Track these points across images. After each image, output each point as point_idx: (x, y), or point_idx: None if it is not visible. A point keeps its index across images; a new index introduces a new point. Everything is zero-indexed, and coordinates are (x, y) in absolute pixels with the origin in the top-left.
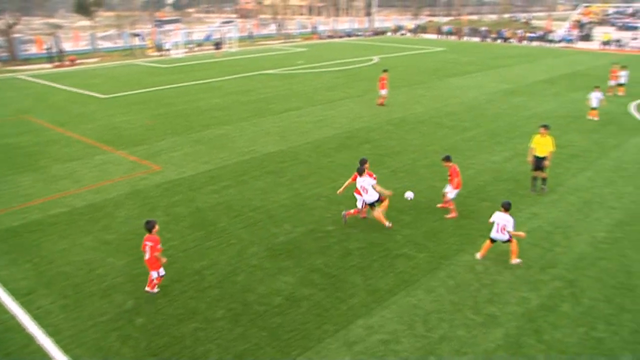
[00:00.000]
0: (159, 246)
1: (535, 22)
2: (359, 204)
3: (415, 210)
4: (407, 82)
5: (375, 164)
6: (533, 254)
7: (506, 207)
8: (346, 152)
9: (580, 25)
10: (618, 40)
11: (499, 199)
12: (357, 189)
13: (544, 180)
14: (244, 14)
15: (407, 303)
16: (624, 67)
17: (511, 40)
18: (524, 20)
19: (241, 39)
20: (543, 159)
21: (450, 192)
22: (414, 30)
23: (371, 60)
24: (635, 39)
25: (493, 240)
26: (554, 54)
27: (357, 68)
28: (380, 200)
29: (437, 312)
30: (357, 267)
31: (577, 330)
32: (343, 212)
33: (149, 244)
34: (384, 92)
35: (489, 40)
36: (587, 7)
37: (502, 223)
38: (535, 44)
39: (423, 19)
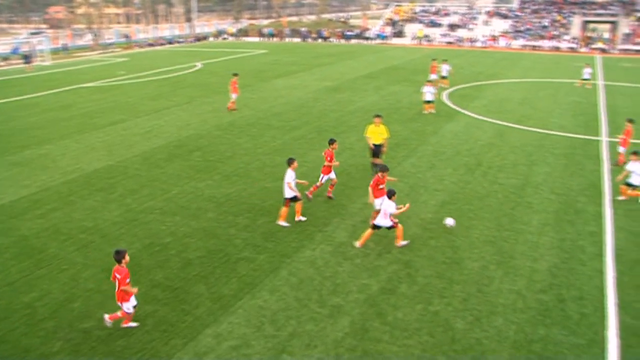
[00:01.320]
0: (128, 280)
1: (352, 21)
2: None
3: (251, 212)
4: None
5: (207, 170)
6: (370, 241)
7: (389, 195)
8: (177, 161)
9: (393, 23)
10: (427, 36)
11: (333, 194)
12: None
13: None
14: (55, 24)
15: (253, 305)
16: (445, 61)
17: (331, 39)
18: (342, 19)
19: (54, 51)
20: (380, 146)
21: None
22: (236, 34)
23: (195, 66)
24: (445, 35)
25: (376, 227)
26: (371, 51)
27: (181, 75)
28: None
29: (284, 310)
30: (200, 276)
31: (416, 308)
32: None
33: (117, 276)
34: (234, 96)
35: (309, 40)
36: (397, 6)
37: (388, 210)
38: (354, 41)
39: (244, 22)
